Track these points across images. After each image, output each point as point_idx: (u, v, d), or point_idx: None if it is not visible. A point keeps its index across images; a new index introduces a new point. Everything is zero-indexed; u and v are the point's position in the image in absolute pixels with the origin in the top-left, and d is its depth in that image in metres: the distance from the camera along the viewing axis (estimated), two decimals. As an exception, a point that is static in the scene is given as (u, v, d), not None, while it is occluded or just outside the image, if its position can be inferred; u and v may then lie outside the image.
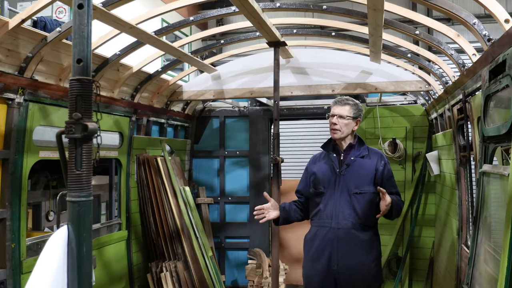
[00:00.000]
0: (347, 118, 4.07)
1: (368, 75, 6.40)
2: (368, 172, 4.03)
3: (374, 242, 4.06)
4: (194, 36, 5.79)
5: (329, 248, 3.98)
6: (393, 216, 3.96)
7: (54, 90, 4.71)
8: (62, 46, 4.55)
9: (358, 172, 4.03)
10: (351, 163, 4.05)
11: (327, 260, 3.98)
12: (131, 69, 5.66)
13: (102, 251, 5.69)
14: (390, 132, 7.47)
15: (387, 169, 4.08)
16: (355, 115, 4.10)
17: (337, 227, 3.98)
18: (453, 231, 5.53)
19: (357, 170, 4.04)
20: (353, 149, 4.12)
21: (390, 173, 4.10)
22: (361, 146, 4.16)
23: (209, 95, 6.99)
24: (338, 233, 3.96)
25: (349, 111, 4.08)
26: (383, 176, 4.04)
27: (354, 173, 4.03)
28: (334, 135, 4.11)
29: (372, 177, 4.02)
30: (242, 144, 8.36)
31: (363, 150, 4.13)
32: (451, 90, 5.05)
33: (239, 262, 8.28)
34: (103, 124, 5.70)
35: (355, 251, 3.93)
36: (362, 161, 4.07)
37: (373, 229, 4.08)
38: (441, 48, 4.47)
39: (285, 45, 5.68)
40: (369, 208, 3.96)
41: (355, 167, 4.05)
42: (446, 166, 6.02)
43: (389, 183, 4.04)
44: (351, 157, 4.07)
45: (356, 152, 4.11)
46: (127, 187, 6.29)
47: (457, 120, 5.16)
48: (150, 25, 4.93)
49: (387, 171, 4.06)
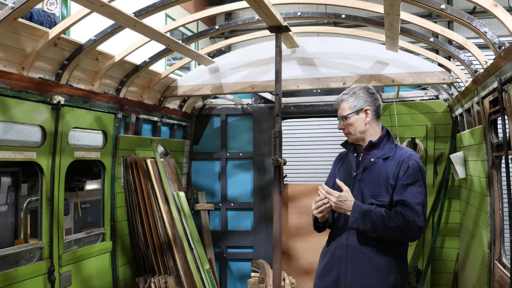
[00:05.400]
0: (350, 116, 3.46)
1: (383, 65, 5.76)
2: (386, 177, 3.31)
3: (392, 268, 3.29)
4: (186, 19, 5.10)
5: (337, 267, 3.40)
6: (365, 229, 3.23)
7: (16, 80, 4.07)
8: (22, 27, 3.92)
9: (376, 178, 3.34)
10: (370, 165, 3.39)
11: (334, 281, 3.41)
12: (112, 59, 5.04)
13: (79, 266, 5.07)
14: (408, 131, 6.98)
15: (409, 172, 3.25)
16: (357, 107, 3.46)
17: (346, 243, 3.38)
18: (483, 244, 5.01)
19: (376, 174, 3.35)
20: (375, 149, 3.44)
21: (409, 177, 3.24)
22: (387, 144, 3.45)
23: (206, 90, 6.37)
24: (348, 250, 3.36)
25: (348, 107, 3.47)
26: (397, 180, 3.27)
27: (371, 179, 3.36)
28: (349, 139, 3.56)
29: (391, 184, 3.29)
30: (246, 145, 7.90)
31: (388, 149, 3.42)
32: (482, 79, 4.44)
33: (242, 274, 7.82)
34: (80, 120, 5.11)
35: (366, 276, 3.27)
36: (383, 163, 3.36)
37: (394, 251, 3.33)
38: (472, 25, 3.73)
39: (288, 31, 5.02)
40: None
41: (374, 171, 3.37)
42: (474, 169, 5.50)
43: (400, 189, 3.24)
44: (371, 158, 3.40)
45: (379, 152, 3.43)
46: (111, 192, 5.69)
47: (489, 114, 4.59)
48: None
49: (406, 175, 3.24)
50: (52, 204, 4.65)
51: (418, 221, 3.15)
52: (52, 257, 4.60)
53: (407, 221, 3.13)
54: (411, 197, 3.19)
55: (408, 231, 3.18)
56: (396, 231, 3.17)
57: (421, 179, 3.27)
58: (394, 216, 3.16)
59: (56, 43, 4.29)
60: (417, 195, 3.21)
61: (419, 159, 3.36)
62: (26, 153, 4.34)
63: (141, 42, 4.98)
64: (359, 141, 3.50)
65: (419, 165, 3.30)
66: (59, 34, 4.10)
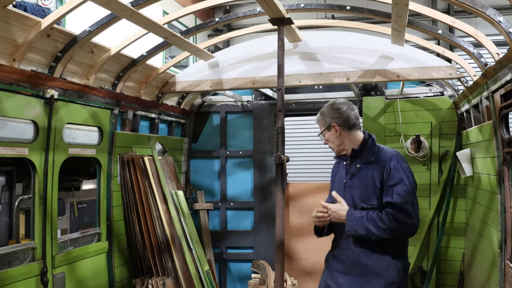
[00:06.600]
0: (324, 133, 3.82)
1: (388, 60, 5.62)
2: (373, 181, 3.56)
3: (391, 267, 3.51)
4: (184, 11, 4.93)
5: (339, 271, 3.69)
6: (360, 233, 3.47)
7: (6, 72, 3.89)
8: (13, 16, 3.75)
9: (364, 182, 3.60)
10: (356, 172, 3.67)
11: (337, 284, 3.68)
12: (108, 52, 4.87)
13: (74, 267, 4.89)
14: (413, 128, 6.86)
15: (391, 173, 3.48)
16: (326, 124, 3.78)
17: (346, 247, 3.65)
18: (492, 243, 4.88)
19: (363, 179, 3.62)
20: (359, 155, 3.70)
21: (393, 178, 3.47)
22: (370, 149, 3.69)
23: (205, 86, 6.20)
24: (348, 254, 3.63)
25: (321, 125, 3.83)
26: (383, 182, 3.51)
27: (359, 184, 3.64)
28: (334, 152, 3.89)
29: (378, 187, 3.53)
30: (246, 143, 7.76)
31: (371, 154, 3.66)
32: (493, 72, 4.30)
33: (242, 275, 7.69)
34: (75, 116, 4.93)
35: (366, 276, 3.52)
36: (367, 168, 3.62)
37: (392, 250, 3.54)
38: (486, 14, 3.56)
39: (291, 23, 4.85)
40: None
41: (361, 176, 3.64)
42: (483, 166, 5.34)
43: (387, 191, 3.47)
44: (357, 165, 3.68)
45: (363, 158, 3.68)
46: (108, 190, 5.52)
47: (501, 108, 4.43)
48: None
49: (390, 176, 3.48)
50: (45, 203, 4.47)
51: (409, 219, 3.37)
52: (45, 258, 4.43)
53: (398, 221, 3.35)
54: (397, 198, 3.39)
55: (402, 231, 3.41)
56: (390, 232, 3.38)
57: (405, 178, 3.45)
58: (386, 219, 3.37)
59: (49, 33, 4.11)
60: (403, 194, 3.40)
61: (401, 159, 3.58)
62: (17, 149, 4.16)
63: (138, 35, 4.81)
64: (342, 152, 3.78)
65: (401, 164, 3.51)
66: (51, 24, 3.93)
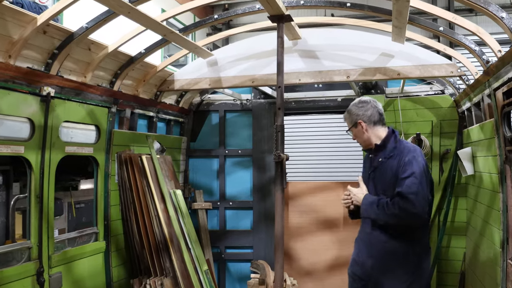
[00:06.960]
0: (351, 130, 4.16)
1: (389, 58, 5.57)
2: (392, 174, 3.87)
3: (409, 250, 3.82)
4: (183, 7, 4.86)
5: (364, 252, 4.02)
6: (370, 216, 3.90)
7: (2, 69, 3.84)
8: (8, 11, 3.69)
9: (384, 175, 3.95)
10: (378, 165, 4.00)
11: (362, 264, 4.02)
12: (106, 49, 4.81)
13: (71, 267, 4.83)
14: (413, 127, 6.81)
15: (405, 167, 3.76)
16: (352, 122, 4.11)
17: (369, 231, 3.98)
18: (494, 242, 4.83)
19: (384, 172, 3.95)
20: (381, 150, 4.02)
21: (406, 172, 3.73)
22: (391, 144, 4.00)
23: (204, 84, 6.14)
24: (370, 237, 3.97)
25: (348, 123, 4.17)
26: (398, 175, 3.79)
27: (380, 176, 3.98)
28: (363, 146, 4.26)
29: (394, 181, 3.83)
30: (245, 142, 7.70)
31: (392, 149, 3.98)
32: (495, 69, 4.25)
33: (242, 275, 7.61)
34: (72, 114, 4.87)
35: (386, 258, 3.86)
36: (388, 162, 3.94)
37: (408, 235, 3.84)
38: (489, 11, 3.51)
39: (290, 20, 4.79)
40: None
41: (382, 169, 3.97)
42: (484, 165, 5.28)
43: (399, 182, 3.75)
44: (379, 159, 4.01)
45: (385, 152, 4.00)
46: (105, 189, 5.46)
47: (503, 106, 4.38)
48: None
49: (403, 169, 3.76)
50: (42, 202, 4.40)
51: (412, 208, 3.60)
52: (42, 258, 4.36)
53: (401, 209, 3.63)
54: (405, 188, 3.65)
55: (404, 218, 3.67)
56: (393, 218, 3.71)
57: (416, 170, 3.69)
58: (391, 205, 3.70)
59: (45, 30, 4.05)
60: (411, 185, 3.65)
61: (418, 153, 3.84)
62: (13, 147, 4.10)
63: (136, 32, 4.74)
64: (368, 146, 4.12)
65: (416, 159, 3.76)
66: (48, 20, 3.86)
